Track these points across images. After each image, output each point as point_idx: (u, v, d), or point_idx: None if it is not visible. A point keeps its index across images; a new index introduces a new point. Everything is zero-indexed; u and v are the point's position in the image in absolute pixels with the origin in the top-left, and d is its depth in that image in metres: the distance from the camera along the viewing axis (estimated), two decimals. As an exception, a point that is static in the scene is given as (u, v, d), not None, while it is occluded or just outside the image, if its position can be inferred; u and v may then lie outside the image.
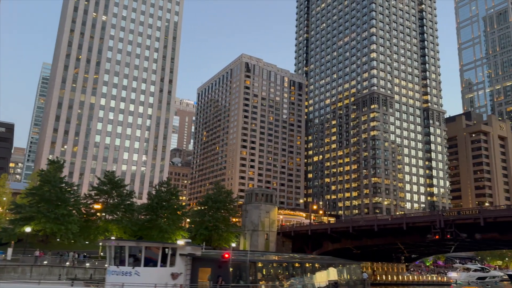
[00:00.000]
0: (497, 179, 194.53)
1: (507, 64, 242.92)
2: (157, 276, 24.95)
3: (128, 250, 25.60)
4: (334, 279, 32.89)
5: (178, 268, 25.71)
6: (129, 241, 26.19)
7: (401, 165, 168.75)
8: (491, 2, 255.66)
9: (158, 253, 25.34)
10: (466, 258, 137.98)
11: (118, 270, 25.31)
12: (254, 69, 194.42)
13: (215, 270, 25.46)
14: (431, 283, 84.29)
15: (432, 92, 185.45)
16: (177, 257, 26.04)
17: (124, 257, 25.20)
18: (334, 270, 34.08)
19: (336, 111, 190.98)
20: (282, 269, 29.69)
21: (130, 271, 24.63)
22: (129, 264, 24.89)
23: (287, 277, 28.97)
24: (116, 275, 25.35)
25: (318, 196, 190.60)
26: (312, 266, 32.90)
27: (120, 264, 25.50)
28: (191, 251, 26.44)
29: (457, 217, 52.62)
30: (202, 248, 28.15)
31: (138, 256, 25.02)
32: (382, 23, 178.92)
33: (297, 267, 31.71)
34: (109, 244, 27.33)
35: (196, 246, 27.68)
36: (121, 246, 26.58)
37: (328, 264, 34.56)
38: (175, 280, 25.17)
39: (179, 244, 26.55)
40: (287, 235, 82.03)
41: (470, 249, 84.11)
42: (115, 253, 26.49)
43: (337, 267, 34.82)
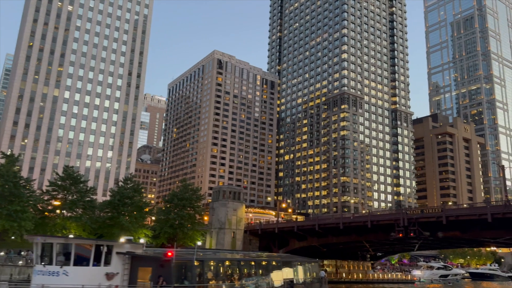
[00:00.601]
0: (461, 179, 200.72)
1: (472, 69, 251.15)
2: (88, 276, 22.82)
3: (57, 247, 23.26)
4: (290, 278, 31.89)
5: (114, 268, 23.52)
6: (57, 237, 23.91)
7: (369, 165, 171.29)
8: (458, 8, 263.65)
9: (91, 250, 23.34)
10: (430, 257, 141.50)
11: (44, 270, 23.01)
12: (226, 66, 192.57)
13: (157, 270, 23.50)
14: (395, 281, 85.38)
15: (400, 94, 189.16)
16: (113, 256, 23.87)
17: (52, 255, 23.01)
18: (291, 268, 33.04)
19: (308, 110, 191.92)
20: (235, 268, 28.25)
21: (58, 271, 22.44)
22: (57, 263, 22.79)
23: (241, 277, 27.54)
24: (43, 275, 23.08)
25: (289, 195, 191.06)
26: (268, 264, 31.68)
27: (47, 263, 23.27)
28: (130, 249, 24.40)
29: (420, 216, 53.09)
30: (143, 246, 26.28)
31: (69, 254, 22.98)
32: (354, 25, 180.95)
33: (252, 265, 30.38)
34: (35, 241, 24.86)
35: (137, 243, 25.71)
36: (49, 242, 24.17)
37: (285, 263, 33.43)
38: (110, 281, 23.16)
39: (115, 241, 24.72)
40: (254, 233, 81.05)
41: (434, 248, 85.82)
42: (43, 250, 24.10)
43: (294, 266, 33.78)
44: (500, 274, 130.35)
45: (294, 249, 76.00)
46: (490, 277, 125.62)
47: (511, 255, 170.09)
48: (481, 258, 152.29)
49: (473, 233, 51.76)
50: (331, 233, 67.68)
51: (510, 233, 49.53)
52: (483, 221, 47.22)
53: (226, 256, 31.07)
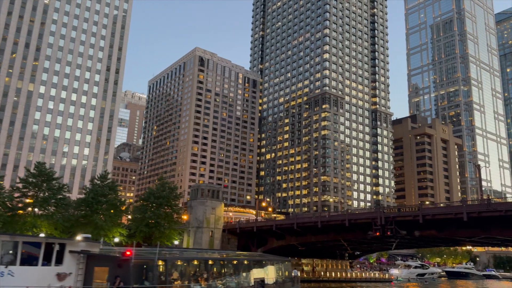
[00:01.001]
0: (439, 179, 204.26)
1: (451, 71, 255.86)
2: (37, 277, 21.20)
3: (2, 245, 21.44)
4: (261, 277, 30.96)
5: (66, 268, 21.79)
6: (3, 234, 22.31)
7: (350, 164, 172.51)
8: (438, 11, 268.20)
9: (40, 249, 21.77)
10: (407, 255, 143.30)
11: None
12: (208, 64, 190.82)
13: (114, 270, 22.01)
14: (373, 279, 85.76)
15: (380, 95, 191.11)
16: (66, 255, 22.24)
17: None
18: (262, 268, 32.07)
19: (289, 109, 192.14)
20: (203, 268, 27.10)
21: (3, 271, 20.93)
22: (2, 263, 21.22)
23: (209, 277, 26.35)
24: None
25: (269, 194, 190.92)
26: (238, 264, 30.58)
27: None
28: (85, 248, 23.01)
29: (397, 214, 53.15)
30: (100, 244, 24.81)
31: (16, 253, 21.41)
32: (335, 25, 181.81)
33: (222, 265, 29.23)
34: None
35: (94, 242, 24.24)
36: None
37: (256, 262, 32.39)
38: (62, 282, 21.70)
39: (69, 239, 23.32)
40: (233, 232, 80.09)
41: (411, 247, 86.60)
42: None
43: (265, 265, 32.77)
44: (475, 273, 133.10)
45: (272, 248, 75.41)
46: (466, 276, 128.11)
47: (486, 254, 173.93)
48: (457, 257, 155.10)
49: (449, 232, 52.09)
50: (309, 232, 67.32)
51: (485, 232, 50.00)
52: (459, 220, 47.51)
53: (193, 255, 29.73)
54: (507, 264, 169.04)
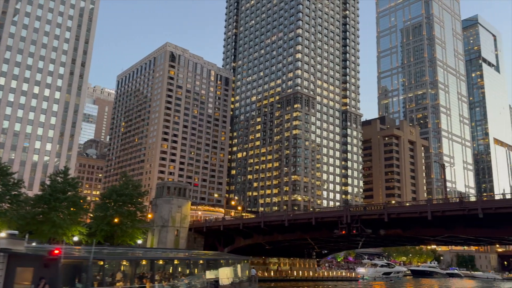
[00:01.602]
0: (406, 180, 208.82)
1: (419, 74, 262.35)
2: None
3: None
4: (214, 278, 29.49)
5: None
6: None
7: (320, 164, 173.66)
8: (408, 15, 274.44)
9: None
10: (374, 254, 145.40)
11: None
12: (179, 60, 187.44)
13: (40, 271, 19.66)
14: (340, 278, 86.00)
15: (351, 96, 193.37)
16: None
17: None
18: (217, 267, 30.53)
19: (262, 108, 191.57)
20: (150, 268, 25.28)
21: None
22: None
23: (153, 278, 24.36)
24: None
25: (240, 193, 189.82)
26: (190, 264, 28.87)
27: None
28: (6, 246, 20.74)
29: (363, 213, 53.07)
30: (25, 242, 22.56)
31: None
32: (308, 25, 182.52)
33: (173, 265, 27.33)
34: None
35: (18, 239, 21.95)
36: None
37: (211, 261, 30.81)
38: None
39: None
40: (199, 231, 78.26)
41: (377, 246, 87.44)
42: None
43: (220, 265, 31.23)
44: (439, 272, 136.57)
45: (240, 247, 74.17)
46: (430, 274, 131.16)
47: (449, 253, 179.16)
48: (422, 256, 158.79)
49: (414, 231, 52.44)
50: (276, 230, 66.50)
51: (449, 231, 50.51)
52: (423, 219, 47.76)
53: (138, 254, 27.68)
54: (469, 263, 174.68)
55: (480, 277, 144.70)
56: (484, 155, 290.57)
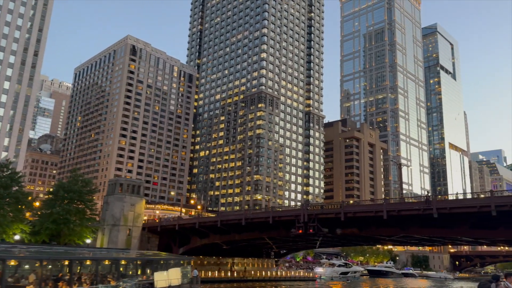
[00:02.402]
0: (365, 181, 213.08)
1: (380, 79, 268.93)
2: None
3: None
4: (148, 281, 27.00)
5: None
6: None
7: (282, 164, 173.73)
8: (371, 21, 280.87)
9: None
10: (332, 254, 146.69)
11: None
12: (141, 53, 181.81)
13: None
14: (297, 278, 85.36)
15: (314, 97, 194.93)
16: None
17: None
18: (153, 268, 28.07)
19: (226, 107, 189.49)
20: (70, 270, 22.56)
21: None
22: None
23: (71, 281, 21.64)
24: None
25: (202, 192, 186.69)
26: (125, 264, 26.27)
27: None
28: None
29: (320, 212, 52.34)
30: None
31: None
32: (274, 25, 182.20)
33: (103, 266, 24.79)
34: None
35: None
36: None
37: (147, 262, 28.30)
38: None
39: None
40: (153, 230, 75.04)
41: (335, 245, 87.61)
42: None
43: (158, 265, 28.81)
44: (394, 271, 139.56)
45: (196, 247, 71.79)
46: (386, 274, 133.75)
47: (405, 253, 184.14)
48: (379, 256, 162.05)
49: (369, 230, 52.24)
50: (233, 229, 64.67)
51: (404, 231, 50.62)
52: (379, 219, 47.54)
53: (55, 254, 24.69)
54: (423, 263, 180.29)
55: (433, 276, 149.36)
56: (439, 159, 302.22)
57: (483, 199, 41.50)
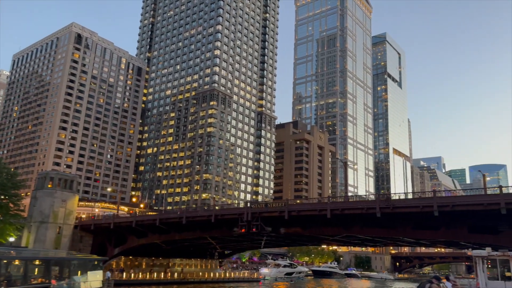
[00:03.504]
0: (313, 183, 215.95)
1: (331, 84, 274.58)
2: None
3: None
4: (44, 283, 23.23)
5: None
6: None
7: (233, 164, 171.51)
8: (324, 26, 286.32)
9: None
10: (278, 254, 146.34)
11: None
12: (86, 42, 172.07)
13: None
14: (241, 279, 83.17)
15: (267, 98, 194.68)
16: None
17: None
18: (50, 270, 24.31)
19: (176, 103, 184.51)
20: None
21: None
22: None
23: None
24: None
25: (148, 190, 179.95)
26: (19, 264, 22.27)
27: None
28: None
29: (264, 210, 50.45)
30: None
31: None
32: (228, 23, 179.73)
33: None
34: None
35: None
36: None
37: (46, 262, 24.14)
38: None
39: None
40: (86, 229, 69.51)
41: (280, 245, 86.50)
42: None
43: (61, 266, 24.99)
44: (338, 272, 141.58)
45: (133, 247, 67.35)
46: (330, 275, 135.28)
47: (349, 254, 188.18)
48: (324, 257, 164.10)
49: (313, 229, 51.11)
50: (174, 229, 61.14)
51: (347, 230, 49.91)
52: (323, 218, 46.42)
53: None
54: (365, 263, 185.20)
55: (375, 277, 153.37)
56: (384, 163, 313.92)
57: (426, 199, 41.50)
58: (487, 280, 22.52)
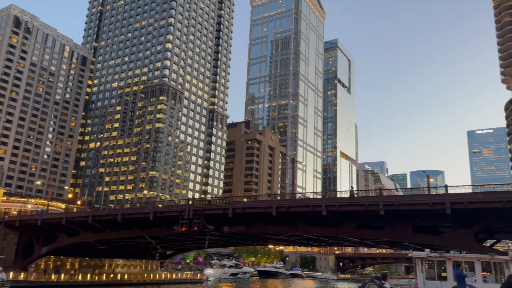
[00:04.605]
0: (263, 183, 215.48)
1: (283, 86, 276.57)
2: None
3: None
4: None
5: None
6: None
7: (181, 162, 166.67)
8: (279, 28, 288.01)
9: None
10: (224, 255, 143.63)
11: None
12: (26, 27, 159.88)
13: None
14: (183, 281, 79.53)
15: (219, 96, 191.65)
16: None
17: None
18: None
19: (123, 96, 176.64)
20: None
21: None
22: None
23: None
24: None
25: (89, 187, 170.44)
26: None
27: None
28: None
29: (207, 207, 47.67)
30: None
31: None
32: (182, 16, 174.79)
33: None
34: None
35: None
36: None
37: None
38: None
39: None
40: (11, 225, 62.91)
41: (225, 245, 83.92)
42: None
43: None
44: (283, 272, 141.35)
45: (64, 246, 61.82)
46: (275, 275, 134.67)
47: (295, 254, 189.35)
48: (270, 257, 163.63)
49: (258, 228, 49.01)
50: (108, 227, 56.54)
51: (293, 229, 48.33)
52: (268, 215, 44.55)
53: None
54: (310, 263, 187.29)
55: (319, 277, 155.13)
56: (331, 166, 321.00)
57: (373, 198, 40.90)
58: (425, 280, 23.00)
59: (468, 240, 35.24)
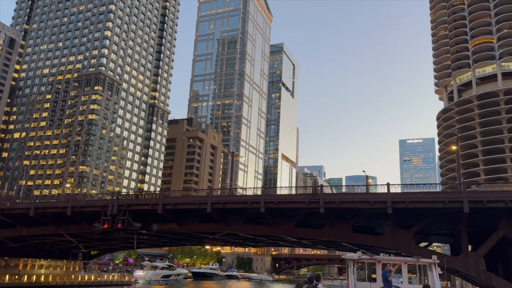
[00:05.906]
0: (203, 182, 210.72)
1: (228, 85, 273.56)
2: None
3: None
4: None
5: None
6: None
7: (116, 157, 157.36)
8: (226, 27, 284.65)
9: None
10: (157, 256, 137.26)
11: None
12: None
13: None
14: (109, 283, 73.33)
15: (161, 91, 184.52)
16: None
17: None
18: None
19: (54, 84, 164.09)
20: None
21: None
22: None
23: None
24: None
25: (11, 181, 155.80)
26: None
27: None
28: None
29: (134, 202, 43.07)
30: None
31: None
32: (123, 4, 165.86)
33: None
34: None
35: None
36: None
37: None
38: None
39: None
40: None
41: (156, 245, 78.84)
42: None
43: None
44: (218, 273, 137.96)
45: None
46: (210, 276, 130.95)
47: (231, 255, 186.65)
48: (206, 258, 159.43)
49: (191, 226, 45.16)
50: (20, 222, 49.75)
51: (228, 227, 45.25)
52: (202, 212, 41.09)
53: None
54: (247, 264, 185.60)
55: (254, 278, 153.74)
56: (272, 167, 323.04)
57: (313, 195, 38.82)
58: (356, 281, 23.62)
59: (407, 241, 34.43)
